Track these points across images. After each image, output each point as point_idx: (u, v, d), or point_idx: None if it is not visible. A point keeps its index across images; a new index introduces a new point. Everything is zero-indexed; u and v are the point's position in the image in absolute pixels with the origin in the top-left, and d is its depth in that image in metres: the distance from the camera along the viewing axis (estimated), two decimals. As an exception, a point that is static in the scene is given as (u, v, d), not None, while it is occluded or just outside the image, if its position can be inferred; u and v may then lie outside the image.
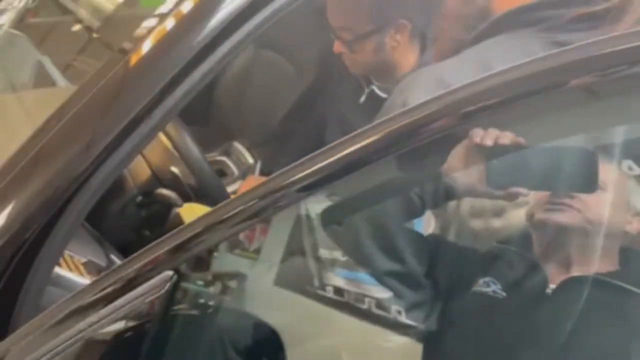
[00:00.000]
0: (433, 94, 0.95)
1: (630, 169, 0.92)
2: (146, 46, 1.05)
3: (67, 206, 1.00)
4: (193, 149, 1.56)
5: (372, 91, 1.77)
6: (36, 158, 1.02)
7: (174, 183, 1.62)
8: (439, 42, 1.17)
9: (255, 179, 2.01)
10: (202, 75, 1.03)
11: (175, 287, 0.79)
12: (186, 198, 1.64)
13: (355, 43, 1.66)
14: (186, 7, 1.07)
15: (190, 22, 1.06)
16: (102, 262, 1.44)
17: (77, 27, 1.74)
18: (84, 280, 1.30)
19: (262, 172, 2.12)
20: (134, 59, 1.04)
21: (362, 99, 1.81)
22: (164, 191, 1.61)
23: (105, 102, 1.04)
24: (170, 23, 1.06)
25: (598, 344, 0.88)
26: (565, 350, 0.88)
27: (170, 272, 0.79)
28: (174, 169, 1.61)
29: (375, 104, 1.76)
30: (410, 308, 1.01)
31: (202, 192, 1.60)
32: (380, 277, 0.99)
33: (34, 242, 0.99)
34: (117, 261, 1.46)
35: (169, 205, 1.72)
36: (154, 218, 1.75)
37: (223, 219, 0.77)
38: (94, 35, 1.63)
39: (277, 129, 2.17)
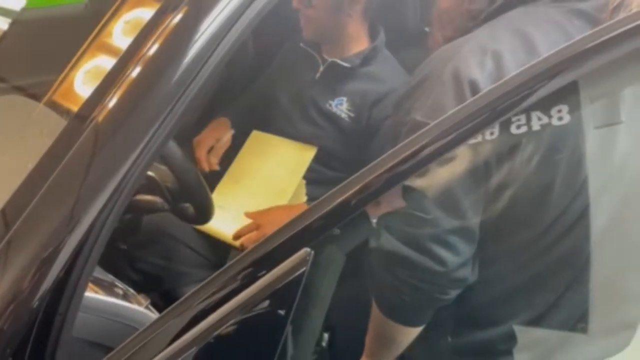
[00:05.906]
0: (482, 61, 1.05)
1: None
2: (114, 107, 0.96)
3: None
4: (175, 149, 1.50)
5: (333, 63, 1.89)
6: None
7: (152, 187, 1.55)
8: (444, 31, 1.25)
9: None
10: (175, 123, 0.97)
11: (314, 263, 0.81)
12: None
13: None
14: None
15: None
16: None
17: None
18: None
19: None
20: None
21: (318, 75, 1.92)
22: (147, 197, 1.53)
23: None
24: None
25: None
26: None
27: (307, 249, 0.81)
28: (150, 172, 1.54)
29: (335, 74, 1.88)
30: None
31: (185, 194, 1.55)
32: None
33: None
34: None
35: (145, 212, 1.65)
36: (126, 228, 1.67)
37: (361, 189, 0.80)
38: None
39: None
